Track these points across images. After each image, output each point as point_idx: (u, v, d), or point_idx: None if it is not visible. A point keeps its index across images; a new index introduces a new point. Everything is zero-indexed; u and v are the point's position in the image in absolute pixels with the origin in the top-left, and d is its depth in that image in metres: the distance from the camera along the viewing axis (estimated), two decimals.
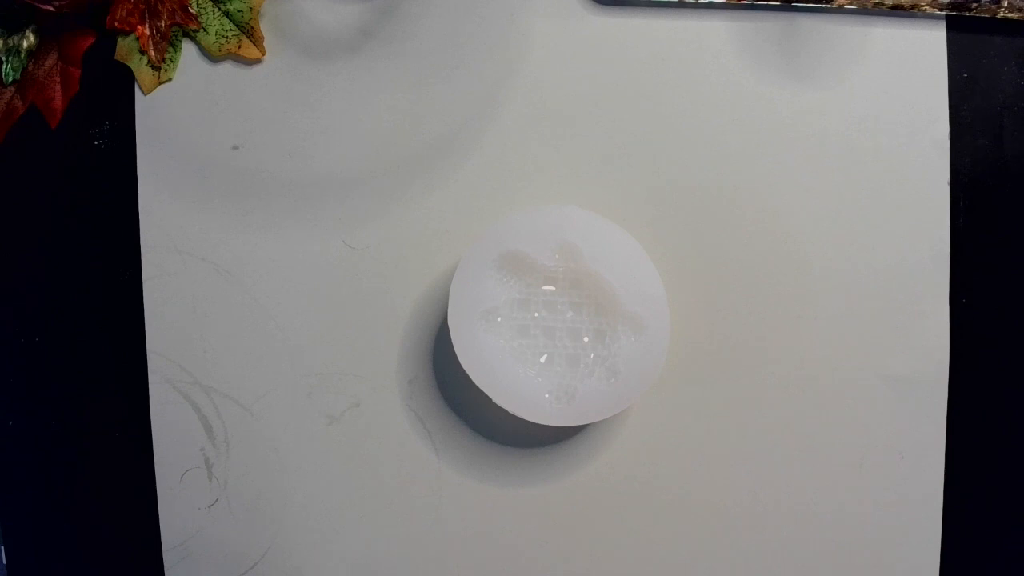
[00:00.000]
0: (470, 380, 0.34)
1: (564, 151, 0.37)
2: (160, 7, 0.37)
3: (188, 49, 0.38)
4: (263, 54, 0.38)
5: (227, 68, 0.38)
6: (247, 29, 0.37)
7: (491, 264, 0.35)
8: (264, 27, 0.38)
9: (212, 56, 0.38)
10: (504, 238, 0.34)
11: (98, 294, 0.39)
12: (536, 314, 0.35)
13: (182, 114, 0.38)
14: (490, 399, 0.34)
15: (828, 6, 0.37)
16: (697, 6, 0.37)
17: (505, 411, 0.34)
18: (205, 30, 0.37)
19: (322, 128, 0.38)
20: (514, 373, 0.35)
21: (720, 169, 0.37)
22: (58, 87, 0.38)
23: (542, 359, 0.35)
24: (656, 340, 0.34)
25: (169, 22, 0.37)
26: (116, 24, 0.37)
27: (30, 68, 0.38)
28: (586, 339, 0.35)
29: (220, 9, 0.37)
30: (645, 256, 0.35)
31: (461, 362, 0.34)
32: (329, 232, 0.38)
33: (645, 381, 0.34)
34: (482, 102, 0.38)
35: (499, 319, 0.35)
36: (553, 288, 0.35)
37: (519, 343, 0.35)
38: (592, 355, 0.35)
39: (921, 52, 0.37)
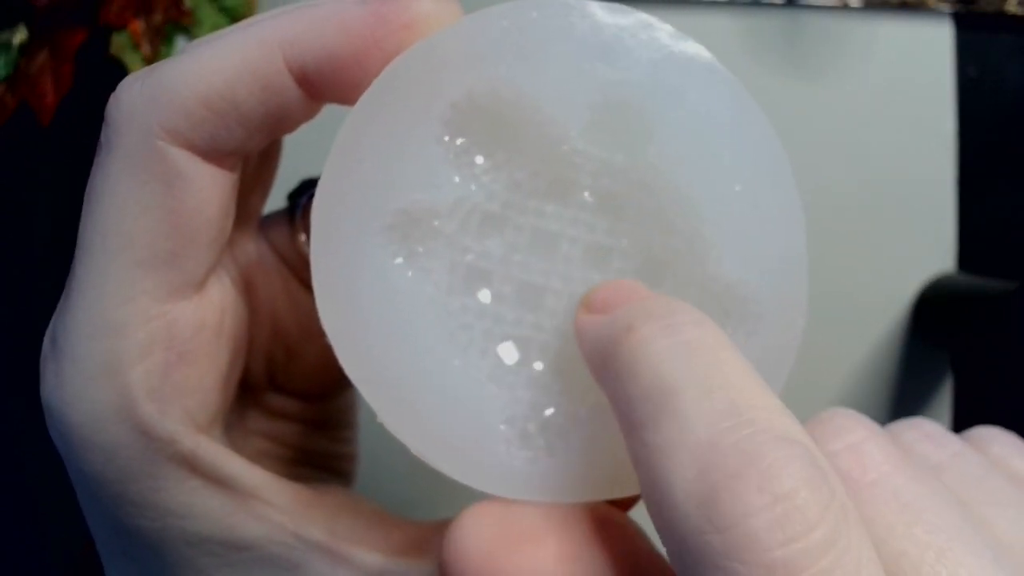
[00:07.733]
0: None
1: None
2: (154, 2, 0.36)
3: (182, 45, 0.37)
4: None
5: None
6: None
7: (437, 110, 0.16)
8: None
9: None
10: (480, 53, 0.15)
11: None
12: (513, 250, 0.16)
13: None
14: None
15: (833, 4, 0.36)
16: (699, 5, 0.37)
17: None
18: (200, 25, 0.37)
19: (321, 125, 0.37)
20: (442, 368, 0.16)
21: None
22: (50, 84, 0.37)
23: (503, 350, 0.16)
24: (774, 347, 0.17)
25: (163, 17, 0.37)
26: (110, 19, 0.36)
27: (21, 65, 0.37)
28: None
29: (215, 4, 0.37)
30: (784, 161, 0.17)
31: (322, 319, 0.15)
32: None
33: None
34: None
35: (427, 244, 0.16)
36: (563, 207, 0.16)
37: (462, 304, 0.16)
38: None
39: (928, 48, 0.37)
